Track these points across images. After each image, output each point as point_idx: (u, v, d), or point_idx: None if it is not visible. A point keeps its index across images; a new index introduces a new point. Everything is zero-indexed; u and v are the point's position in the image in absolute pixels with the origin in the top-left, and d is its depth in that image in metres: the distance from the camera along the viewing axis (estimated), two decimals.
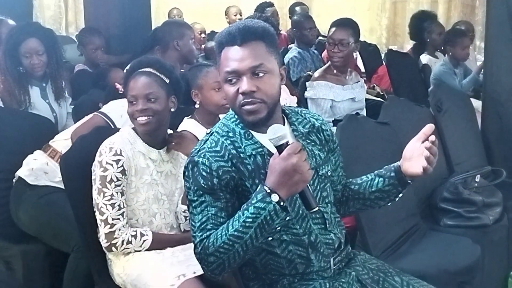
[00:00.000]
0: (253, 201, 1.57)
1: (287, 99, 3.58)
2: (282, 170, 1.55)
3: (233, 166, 1.67)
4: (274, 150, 1.63)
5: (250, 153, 1.70)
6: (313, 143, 1.81)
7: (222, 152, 1.68)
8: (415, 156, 1.74)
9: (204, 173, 1.66)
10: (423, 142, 1.73)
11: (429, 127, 1.75)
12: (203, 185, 1.65)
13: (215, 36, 1.80)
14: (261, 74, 1.67)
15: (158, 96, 2.21)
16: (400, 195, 1.86)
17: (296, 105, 3.57)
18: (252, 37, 1.68)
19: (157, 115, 2.21)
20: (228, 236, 1.59)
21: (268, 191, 1.56)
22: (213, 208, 1.65)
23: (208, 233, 1.63)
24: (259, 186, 1.60)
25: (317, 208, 1.62)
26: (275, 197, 1.55)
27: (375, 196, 1.88)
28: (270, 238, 1.68)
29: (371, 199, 1.89)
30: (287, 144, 1.58)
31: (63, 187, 2.68)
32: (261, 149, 1.71)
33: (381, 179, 1.85)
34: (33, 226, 2.68)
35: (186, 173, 1.71)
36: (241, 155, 1.69)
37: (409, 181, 1.81)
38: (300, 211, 1.73)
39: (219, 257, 1.61)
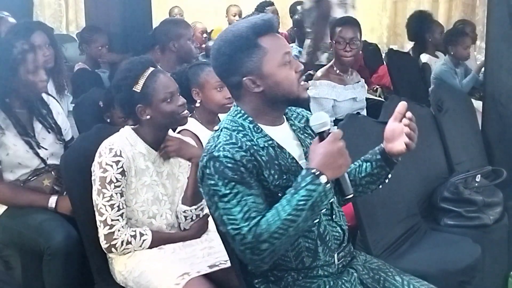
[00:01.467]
0: (303, 184, 1.59)
1: None
2: (328, 152, 1.61)
3: (252, 156, 1.68)
4: (290, 140, 1.75)
5: (262, 145, 1.72)
6: (310, 137, 1.85)
7: (239, 143, 1.69)
8: (396, 135, 1.80)
9: (229, 165, 1.64)
10: (400, 120, 1.79)
11: (402, 105, 1.81)
12: (232, 176, 1.64)
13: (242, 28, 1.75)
14: None
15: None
16: (389, 176, 1.91)
17: None
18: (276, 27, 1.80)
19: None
20: (282, 221, 1.58)
21: (317, 173, 1.60)
22: (250, 197, 1.63)
23: (255, 220, 1.61)
24: (304, 171, 1.63)
25: (352, 195, 1.69)
26: (323, 178, 1.59)
27: (366, 181, 1.92)
28: (316, 220, 1.72)
29: (363, 185, 1.93)
30: (328, 131, 1.65)
31: None
32: (271, 142, 1.75)
33: (368, 163, 1.90)
34: (10, 244, 2.66)
35: (207, 172, 1.67)
36: (255, 147, 1.71)
37: (395, 161, 1.86)
38: None
39: (272, 243, 1.59)
